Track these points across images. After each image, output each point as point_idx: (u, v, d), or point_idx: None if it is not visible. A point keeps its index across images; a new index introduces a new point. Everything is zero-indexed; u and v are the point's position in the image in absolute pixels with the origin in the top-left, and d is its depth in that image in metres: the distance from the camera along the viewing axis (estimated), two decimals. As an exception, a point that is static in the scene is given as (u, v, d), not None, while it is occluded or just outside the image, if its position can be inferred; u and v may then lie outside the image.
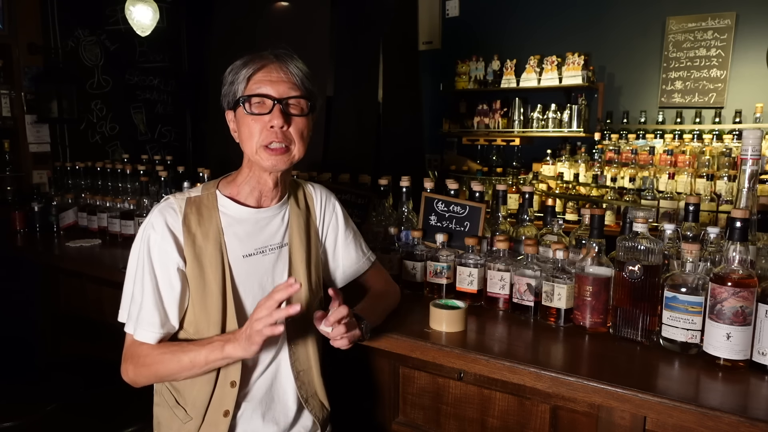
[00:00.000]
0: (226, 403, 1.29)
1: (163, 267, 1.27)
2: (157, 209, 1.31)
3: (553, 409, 1.34)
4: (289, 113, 1.28)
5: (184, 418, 1.31)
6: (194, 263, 1.28)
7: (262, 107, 1.26)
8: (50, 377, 2.03)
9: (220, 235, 1.31)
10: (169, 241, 1.27)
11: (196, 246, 1.28)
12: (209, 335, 1.28)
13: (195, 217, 1.30)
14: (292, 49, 1.32)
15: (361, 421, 1.64)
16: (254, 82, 1.26)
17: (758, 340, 1.23)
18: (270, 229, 1.37)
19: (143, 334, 1.26)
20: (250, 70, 1.27)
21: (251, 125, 1.27)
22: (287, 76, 1.27)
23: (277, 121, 1.25)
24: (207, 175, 2.50)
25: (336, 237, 1.52)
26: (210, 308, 1.28)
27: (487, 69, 4.95)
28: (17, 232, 2.93)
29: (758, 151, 1.32)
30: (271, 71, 1.27)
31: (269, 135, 1.27)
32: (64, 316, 2.65)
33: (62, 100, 3.89)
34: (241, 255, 1.32)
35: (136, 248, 1.31)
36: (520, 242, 1.72)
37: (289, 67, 1.28)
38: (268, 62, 1.28)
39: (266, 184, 1.34)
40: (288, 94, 1.27)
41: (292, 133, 1.29)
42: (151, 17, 4.02)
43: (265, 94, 1.26)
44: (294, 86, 1.28)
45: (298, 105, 1.29)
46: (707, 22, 4.25)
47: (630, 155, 3.66)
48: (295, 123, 1.29)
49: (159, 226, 1.27)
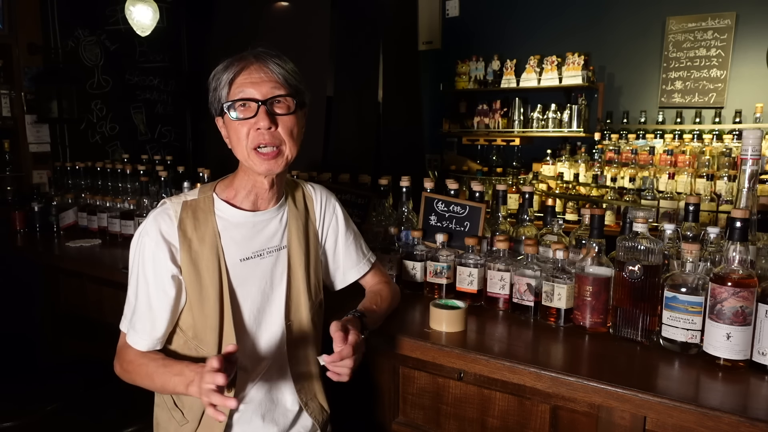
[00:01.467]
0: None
1: (157, 274, 1.27)
2: (153, 215, 1.30)
3: (553, 409, 1.34)
4: (274, 113, 1.25)
5: (181, 421, 1.32)
6: (190, 268, 1.28)
7: (247, 111, 1.24)
8: (50, 377, 2.03)
9: (217, 239, 1.30)
10: (163, 248, 1.27)
11: (192, 251, 1.28)
12: (207, 339, 1.28)
13: (191, 221, 1.30)
14: (276, 48, 1.28)
15: (361, 421, 1.64)
16: (236, 85, 1.24)
17: (758, 340, 1.23)
18: (267, 232, 1.37)
19: (134, 339, 1.29)
20: (231, 74, 1.25)
21: (239, 130, 1.25)
22: (269, 75, 1.25)
23: (263, 122, 1.23)
24: (207, 175, 2.50)
25: (336, 239, 1.52)
26: (207, 312, 1.28)
27: (487, 69, 4.95)
28: (17, 232, 2.93)
29: (758, 151, 1.32)
30: (252, 72, 1.25)
31: (257, 137, 1.25)
32: (64, 316, 2.64)
33: (62, 100, 3.89)
34: (238, 259, 1.32)
35: (133, 252, 1.32)
36: (520, 242, 1.72)
37: (269, 65, 1.25)
38: (247, 63, 1.25)
39: (262, 186, 1.34)
40: (272, 93, 1.24)
41: (281, 133, 1.26)
42: (151, 17, 4.02)
43: (248, 97, 1.23)
44: (277, 84, 1.25)
45: (284, 103, 1.26)
46: (707, 22, 4.25)
47: (630, 155, 3.65)
48: (283, 122, 1.26)
49: (153, 233, 1.28)
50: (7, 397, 1.87)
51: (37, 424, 1.75)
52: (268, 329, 1.36)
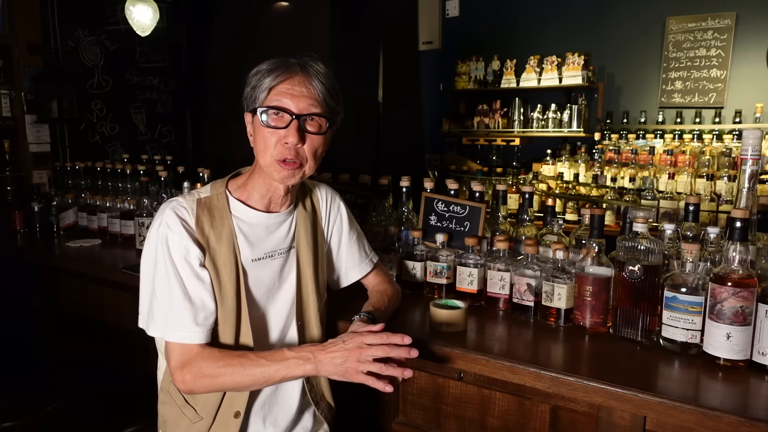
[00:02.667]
0: (237, 404, 1.29)
1: (187, 263, 1.24)
2: (169, 207, 1.27)
3: (553, 409, 1.34)
4: (305, 130, 1.24)
5: (194, 418, 1.30)
6: (210, 264, 1.27)
7: (280, 121, 1.23)
8: (50, 377, 2.03)
9: (234, 238, 1.30)
10: (187, 237, 1.24)
11: (210, 248, 1.27)
12: (224, 337, 1.27)
13: (207, 219, 1.29)
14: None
15: (361, 421, 1.64)
16: (276, 92, 1.23)
17: (758, 340, 1.23)
18: (279, 234, 1.37)
19: (183, 335, 1.21)
20: (275, 80, 1.23)
21: (267, 137, 1.24)
22: (309, 92, 1.23)
23: (292, 138, 1.22)
24: (207, 175, 2.50)
25: (340, 238, 1.52)
26: (226, 310, 1.27)
27: (487, 69, 4.95)
28: (17, 232, 2.93)
29: (758, 151, 1.32)
30: (295, 84, 1.23)
31: (283, 150, 1.24)
32: (64, 316, 2.64)
33: (62, 100, 3.88)
34: (250, 259, 1.32)
35: (153, 250, 1.26)
36: (520, 242, 1.72)
37: (313, 81, 1.24)
38: (293, 74, 1.24)
39: (277, 192, 1.34)
40: (308, 110, 1.23)
41: (306, 151, 1.26)
42: (151, 17, 4.02)
43: (284, 108, 1.22)
44: (315, 103, 1.24)
45: (316, 123, 1.25)
46: (707, 22, 4.25)
47: (630, 155, 3.65)
48: (311, 141, 1.25)
49: (174, 224, 1.24)
50: (7, 397, 1.87)
51: (37, 424, 1.75)
52: (280, 329, 1.36)
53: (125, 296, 2.25)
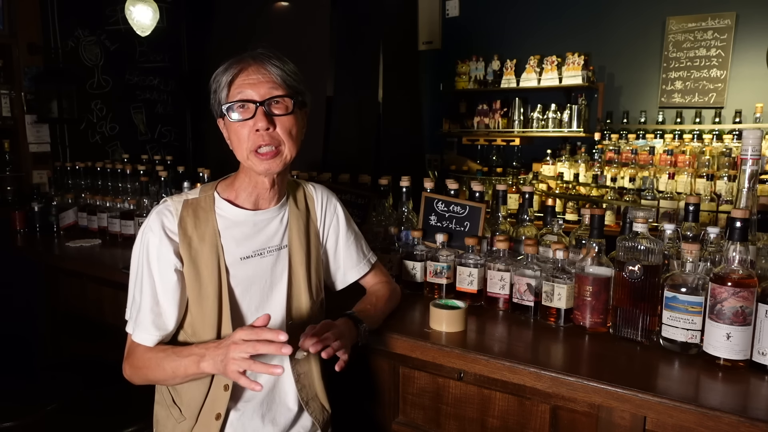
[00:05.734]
0: (218, 406, 1.29)
1: (162, 269, 1.27)
2: (155, 212, 1.31)
3: (553, 409, 1.34)
4: (272, 114, 1.26)
5: (179, 418, 1.32)
6: (190, 266, 1.28)
7: (246, 112, 1.25)
8: (50, 377, 2.03)
9: (217, 237, 1.31)
10: (166, 243, 1.28)
11: (192, 249, 1.29)
12: (206, 337, 1.28)
13: (191, 219, 1.31)
14: (276, 48, 1.29)
15: (361, 421, 1.64)
16: (235, 87, 1.25)
17: (758, 340, 1.23)
18: (268, 231, 1.37)
19: (140, 336, 1.28)
20: (230, 76, 1.26)
21: (238, 131, 1.26)
22: (266, 76, 1.25)
23: (261, 123, 1.24)
24: (207, 175, 2.50)
25: (337, 239, 1.52)
26: (206, 310, 1.28)
27: (487, 69, 4.95)
28: (17, 232, 2.93)
29: (758, 151, 1.32)
30: (250, 74, 1.25)
31: (257, 139, 1.25)
32: (64, 316, 2.64)
33: (62, 100, 3.89)
34: (238, 257, 1.32)
35: (136, 251, 1.32)
36: (520, 242, 1.72)
37: (267, 66, 1.26)
38: (246, 65, 1.26)
39: (263, 186, 1.34)
40: (270, 94, 1.25)
41: (280, 133, 1.27)
42: (151, 17, 4.02)
43: (246, 98, 1.24)
44: (275, 85, 1.25)
45: (282, 104, 1.26)
46: (707, 22, 4.25)
47: (630, 155, 3.65)
48: (281, 122, 1.27)
49: (156, 228, 1.28)
50: (7, 397, 1.87)
51: (37, 424, 1.75)
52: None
53: (125, 296, 2.24)
